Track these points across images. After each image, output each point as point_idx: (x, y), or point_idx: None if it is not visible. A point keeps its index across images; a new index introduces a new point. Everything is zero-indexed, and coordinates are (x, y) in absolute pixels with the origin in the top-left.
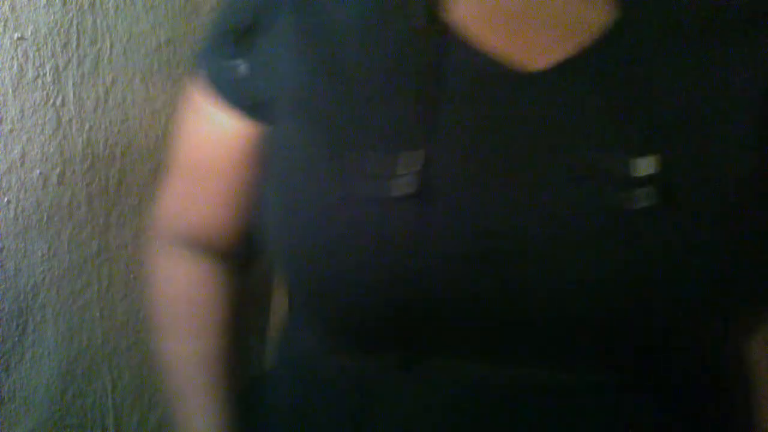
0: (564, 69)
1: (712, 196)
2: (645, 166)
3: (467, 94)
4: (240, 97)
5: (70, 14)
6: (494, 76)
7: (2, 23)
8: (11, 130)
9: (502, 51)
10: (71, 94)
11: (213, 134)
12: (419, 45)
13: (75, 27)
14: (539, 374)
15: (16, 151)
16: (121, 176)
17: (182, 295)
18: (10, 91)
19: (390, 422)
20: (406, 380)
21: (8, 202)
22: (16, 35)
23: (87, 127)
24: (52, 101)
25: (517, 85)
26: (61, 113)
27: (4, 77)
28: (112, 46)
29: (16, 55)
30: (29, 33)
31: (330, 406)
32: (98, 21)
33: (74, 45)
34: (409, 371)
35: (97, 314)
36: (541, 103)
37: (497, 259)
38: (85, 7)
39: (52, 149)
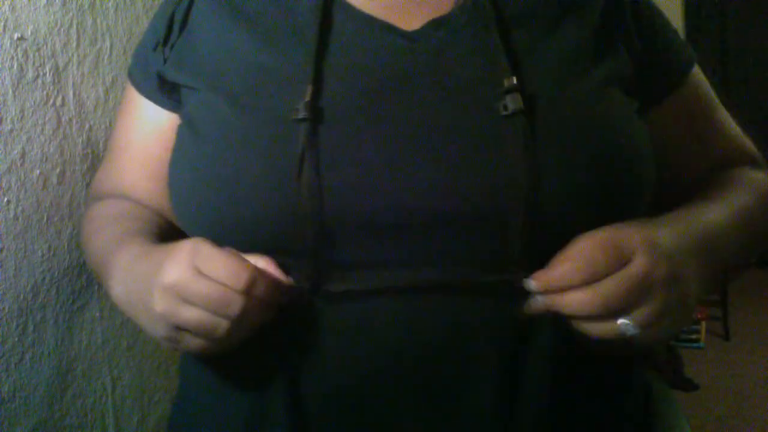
0: (431, 26)
1: (560, 106)
2: (508, 82)
3: (351, 42)
4: (155, 91)
5: (70, 14)
6: (374, 30)
7: (2, 23)
8: (11, 130)
9: (381, 16)
10: (71, 94)
11: (137, 121)
12: (311, 8)
13: (75, 27)
14: (432, 274)
15: (16, 151)
16: None
17: (106, 211)
18: (10, 91)
19: (308, 339)
20: (316, 302)
21: (8, 202)
22: (16, 35)
23: (87, 127)
24: (52, 101)
25: (391, 36)
26: (61, 113)
27: (4, 77)
28: (112, 46)
29: (16, 55)
30: (29, 33)
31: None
32: (98, 21)
33: (74, 45)
34: (317, 293)
35: (97, 314)
36: (413, 51)
37: (380, 173)
38: (85, 7)
39: (52, 149)
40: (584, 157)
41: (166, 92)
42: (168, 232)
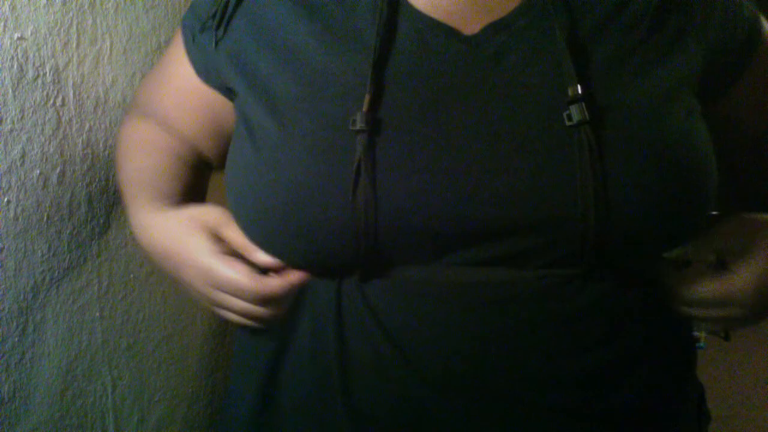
0: (491, 29)
1: (625, 114)
2: (572, 92)
3: (411, 47)
4: (205, 71)
5: (70, 14)
6: (435, 35)
7: (2, 23)
8: (11, 130)
9: (441, 19)
10: (71, 94)
11: (183, 69)
12: (372, 7)
13: (75, 27)
14: (490, 271)
15: (16, 151)
16: None
17: (140, 135)
18: (10, 91)
19: (361, 327)
20: (367, 290)
21: (8, 202)
22: (16, 35)
23: (87, 127)
24: (52, 101)
25: (452, 41)
26: (61, 113)
27: (4, 77)
28: (112, 46)
29: (16, 55)
30: (29, 33)
31: (304, 323)
32: (98, 21)
33: (74, 45)
34: (368, 282)
35: (97, 314)
36: (474, 56)
37: (439, 184)
38: (85, 7)
39: (52, 149)
40: (650, 165)
41: (215, 73)
42: (195, 163)
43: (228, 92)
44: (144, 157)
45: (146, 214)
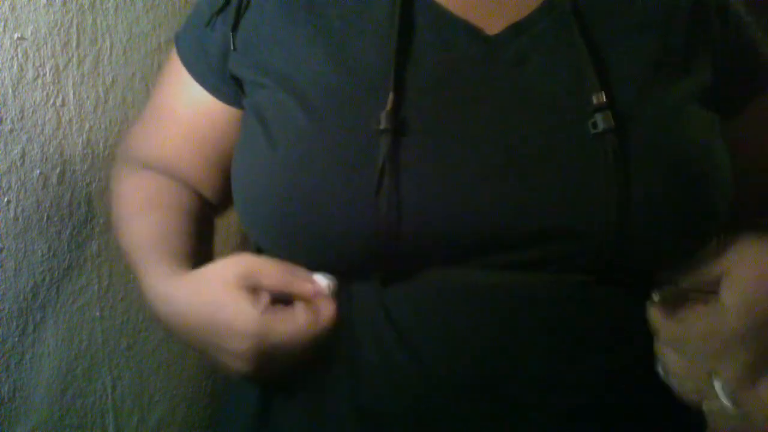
0: (512, 30)
1: (647, 122)
2: (598, 99)
3: (431, 45)
4: (209, 78)
5: (70, 14)
6: (456, 33)
7: (2, 23)
8: (11, 130)
9: (462, 14)
10: (71, 94)
11: (184, 95)
12: (389, 4)
13: (75, 27)
14: (506, 275)
15: (16, 151)
16: None
17: (143, 193)
18: (10, 91)
19: (373, 327)
20: (387, 295)
21: (8, 202)
22: (16, 35)
23: (87, 127)
24: (52, 101)
25: (474, 41)
26: (61, 113)
27: (4, 77)
28: (112, 46)
29: (16, 55)
30: (29, 33)
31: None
32: (98, 21)
33: (74, 45)
34: (388, 287)
35: (97, 314)
36: (496, 58)
37: (464, 186)
38: (85, 7)
39: (52, 149)
40: (669, 176)
41: (218, 75)
42: (201, 218)
43: (236, 97)
44: (150, 217)
45: (163, 281)
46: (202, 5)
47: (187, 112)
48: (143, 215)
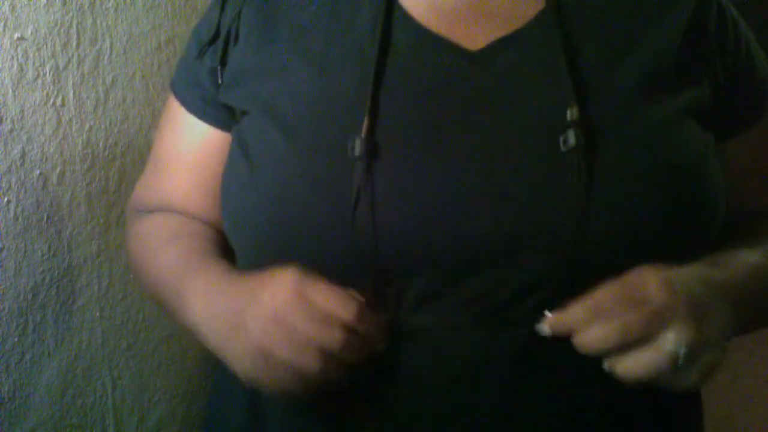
0: (499, 45)
1: (626, 139)
2: (569, 115)
3: (411, 63)
4: (201, 106)
5: (70, 14)
6: (436, 50)
7: (2, 23)
8: (11, 130)
9: (444, 35)
10: (71, 94)
11: (184, 134)
12: (370, 20)
13: (75, 27)
14: (490, 313)
15: (16, 151)
16: (121, 176)
17: (162, 228)
18: (10, 91)
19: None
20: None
21: (8, 202)
22: (16, 35)
23: (87, 127)
24: (52, 101)
25: (456, 58)
26: (61, 113)
27: (4, 77)
28: (112, 46)
29: (16, 55)
30: (29, 33)
31: None
32: (98, 21)
33: (74, 45)
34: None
35: (97, 314)
36: (477, 74)
37: (438, 209)
38: (85, 7)
39: (52, 149)
40: (644, 194)
41: (213, 105)
42: (225, 248)
43: (228, 123)
44: (179, 245)
45: (203, 288)
46: (194, 39)
47: (191, 151)
48: (171, 245)
